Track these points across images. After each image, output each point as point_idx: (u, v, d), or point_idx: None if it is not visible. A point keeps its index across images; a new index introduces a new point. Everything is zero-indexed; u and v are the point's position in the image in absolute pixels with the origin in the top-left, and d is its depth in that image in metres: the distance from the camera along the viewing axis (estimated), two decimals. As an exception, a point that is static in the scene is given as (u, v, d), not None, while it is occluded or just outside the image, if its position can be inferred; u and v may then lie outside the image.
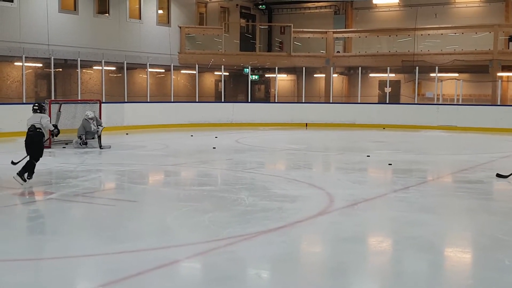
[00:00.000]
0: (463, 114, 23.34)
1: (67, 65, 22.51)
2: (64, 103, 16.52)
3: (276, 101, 26.49)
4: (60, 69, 22.70)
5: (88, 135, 15.33)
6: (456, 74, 26.05)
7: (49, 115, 15.32)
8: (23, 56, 19.81)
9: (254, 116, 24.38)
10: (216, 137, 18.58)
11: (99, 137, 15.35)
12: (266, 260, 5.82)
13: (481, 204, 8.80)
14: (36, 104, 9.94)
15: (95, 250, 6.06)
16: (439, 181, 11.16)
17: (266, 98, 31.39)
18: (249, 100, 25.85)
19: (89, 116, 15.50)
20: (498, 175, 10.70)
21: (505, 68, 25.69)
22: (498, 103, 23.88)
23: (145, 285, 5.05)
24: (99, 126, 15.51)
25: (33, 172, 9.59)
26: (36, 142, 9.58)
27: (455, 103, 24.94)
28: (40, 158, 9.74)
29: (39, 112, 9.81)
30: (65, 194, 8.97)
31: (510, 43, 26.32)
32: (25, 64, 19.97)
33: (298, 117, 24.52)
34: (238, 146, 16.70)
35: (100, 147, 15.17)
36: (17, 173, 9.37)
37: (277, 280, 5.35)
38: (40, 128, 9.59)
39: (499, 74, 25.10)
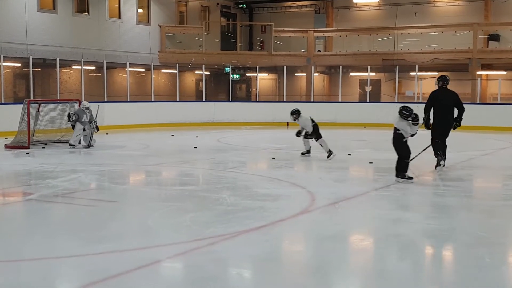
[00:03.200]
0: (443, 112, 23.43)
1: (46, 65, 22.30)
2: (43, 103, 16.33)
3: (257, 100, 26.47)
4: (39, 69, 22.48)
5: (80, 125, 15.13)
6: (436, 73, 26.07)
7: (28, 116, 15.17)
8: (1, 55, 19.58)
9: (236, 115, 24.32)
10: (197, 136, 18.51)
11: (92, 134, 15.22)
12: (248, 260, 5.80)
13: (462, 202, 8.85)
14: (403, 108, 9.94)
15: (75, 251, 5.99)
16: (420, 179, 11.20)
17: (247, 97, 31.36)
18: (230, 100, 25.76)
19: (85, 106, 15.31)
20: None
21: (484, 67, 25.92)
22: (478, 101, 24.07)
23: (126, 286, 5.00)
24: (93, 123, 15.25)
25: (405, 171, 10.00)
26: (394, 144, 10.01)
27: (435, 101, 25.07)
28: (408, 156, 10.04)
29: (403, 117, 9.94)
30: (44, 194, 8.87)
31: (489, 41, 26.59)
32: (3, 63, 19.75)
33: (280, 116, 24.46)
34: (219, 145, 16.64)
35: (88, 145, 15.06)
36: (395, 175, 10.04)
37: (259, 280, 5.32)
38: (399, 130, 9.89)
39: (479, 72, 25.31)
